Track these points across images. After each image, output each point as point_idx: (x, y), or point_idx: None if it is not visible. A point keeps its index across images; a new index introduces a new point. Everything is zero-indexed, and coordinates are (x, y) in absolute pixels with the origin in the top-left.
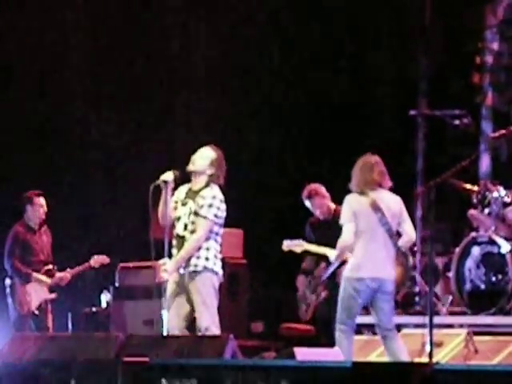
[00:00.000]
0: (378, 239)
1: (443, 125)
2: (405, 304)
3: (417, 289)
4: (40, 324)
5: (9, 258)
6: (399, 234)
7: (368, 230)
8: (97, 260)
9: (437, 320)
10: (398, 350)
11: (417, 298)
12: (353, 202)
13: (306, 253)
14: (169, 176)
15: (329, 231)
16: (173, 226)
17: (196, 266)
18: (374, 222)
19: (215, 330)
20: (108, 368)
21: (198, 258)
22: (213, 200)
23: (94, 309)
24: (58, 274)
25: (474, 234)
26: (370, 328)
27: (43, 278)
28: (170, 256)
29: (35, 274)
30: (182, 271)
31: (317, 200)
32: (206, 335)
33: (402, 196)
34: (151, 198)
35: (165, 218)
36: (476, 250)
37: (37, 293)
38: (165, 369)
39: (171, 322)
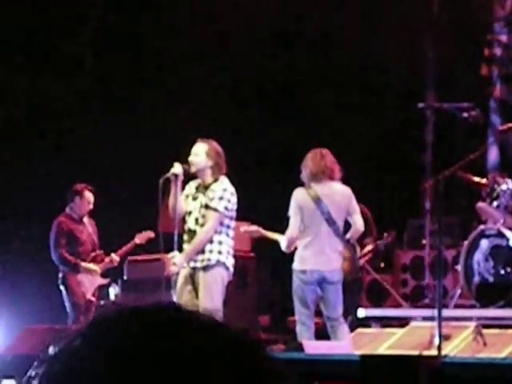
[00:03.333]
0: (321, 233)
1: (452, 118)
2: (414, 297)
3: (425, 282)
4: (96, 310)
5: (56, 250)
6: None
7: (311, 225)
8: (141, 236)
9: (445, 313)
10: (342, 339)
11: (425, 292)
12: (299, 196)
13: None
14: (178, 169)
15: None
16: (183, 221)
17: (209, 260)
18: (316, 216)
19: None
20: None
21: (211, 251)
22: (223, 193)
23: (101, 302)
24: (107, 258)
25: (482, 226)
26: (378, 321)
27: (91, 266)
28: (181, 250)
29: (83, 264)
30: (193, 264)
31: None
32: None
33: (411, 189)
34: (161, 191)
35: (175, 211)
36: (485, 243)
37: (89, 280)
38: None
39: None
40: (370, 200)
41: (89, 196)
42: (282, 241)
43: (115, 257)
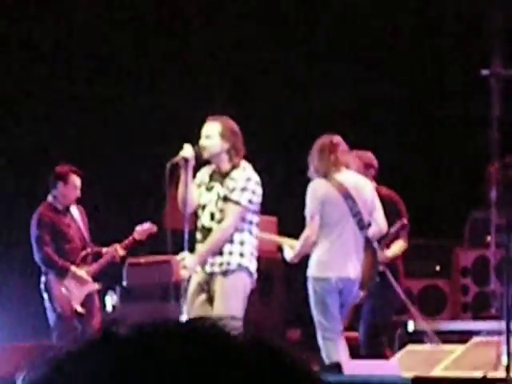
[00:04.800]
0: (347, 232)
1: None
2: (476, 307)
3: (491, 288)
4: (86, 324)
5: (39, 248)
6: (369, 225)
7: (336, 222)
8: (141, 231)
9: None
10: (341, 354)
11: (491, 300)
12: (319, 189)
13: None
14: (189, 152)
15: None
16: (195, 216)
17: (229, 263)
18: (343, 211)
19: None
20: None
21: (231, 253)
22: (247, 183)
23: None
24: (108, 249)
25: None
26: (433, 335)
27: (83, 274)
28: (192, 251)
29: (73, 268)
30: (208, 269)
31: (358, 168)
32: None
33: (473, 175)
34: (167, 178)
35: (185, 204)
36: None
37: (77, 287)
38: None
39: None
40: (422, 188)
41: (75, 180)
42: (288, 249)
43: (120, 249)
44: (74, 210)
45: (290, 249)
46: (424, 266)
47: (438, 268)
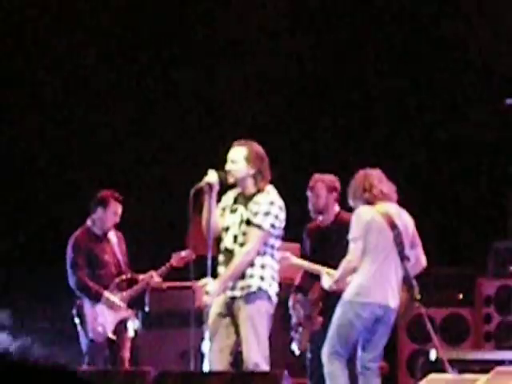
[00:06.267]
0: (390, 260)
1: None
2: (499, 336)
3: None
4: (117, 352)
5: (73, 272)
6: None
7: (381, 249)
8: (178, 258)
9: None
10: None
11: None
12: (366, 214)
13: None
14: (213, 177)
15: (327, 242)
16: (219, 239)
17: (249, 286)
18: (389, 239)
19: (265, 366)
20: None
21: (252, 276)
22: (270, 207)
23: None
24: (144, 276)
25: None
26: (455, 365)
27: (116, 300)
28: (215, 276)
29: (107, 294)
30: (229, 293)
31: (320, 189)
32: (256, 372)
33: (496, 205)
34: (192, 204)
35: (209, 229)
36: None
37: (111, 313)
38: None
39: (213, 355)
40: (445, 216)
41: (115, 206)
42: (326, 276)
43: (156, 276)
44: (112, 236)
45: (328, 275)
46: (447, 295)
47: (460, 297)
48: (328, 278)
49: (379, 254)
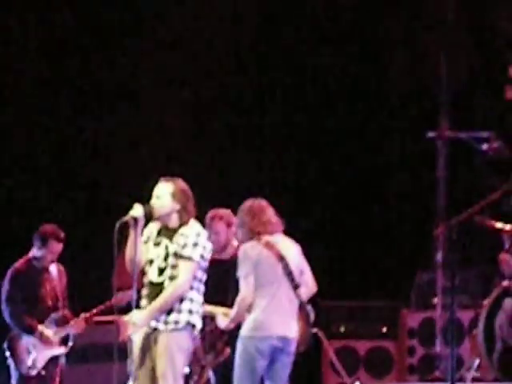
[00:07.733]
0: (282, 291)
1: (469, 150)
2: (422, 368)
3: (437, 350)
4: None
5: (7, 306)
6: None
7: (272, 281)
8: (120, 297)
9: None
10: None
11: (437, 362)
12: (252, 250)
13: None
14: (139, 211)
15: (225, 277)
16: (142, 272)
17: (177, 322)
18: (278, 271)
19: None
20: None
21: (180, 311)
22: (198, 238)
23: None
24: (71, 321)
25: (505, 283)
26: None
27: (50, 333)
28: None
29: (40, 327)
30: (154, 324)
31: (218, 226)
32: None
33: (419, 237)
34: (116, 238)
35: (134, 263)
36: (509, 303)
37: (41, 348)
38: None
39: None
40: (368, 250)
41: (55, 246)
42: (220, 317)
43: (81, 320)
44: (53, 269)
45: (224, 315)
46: (371, 328)
47: (384, 329)
48: (224, 318)
49: (271, 287)
